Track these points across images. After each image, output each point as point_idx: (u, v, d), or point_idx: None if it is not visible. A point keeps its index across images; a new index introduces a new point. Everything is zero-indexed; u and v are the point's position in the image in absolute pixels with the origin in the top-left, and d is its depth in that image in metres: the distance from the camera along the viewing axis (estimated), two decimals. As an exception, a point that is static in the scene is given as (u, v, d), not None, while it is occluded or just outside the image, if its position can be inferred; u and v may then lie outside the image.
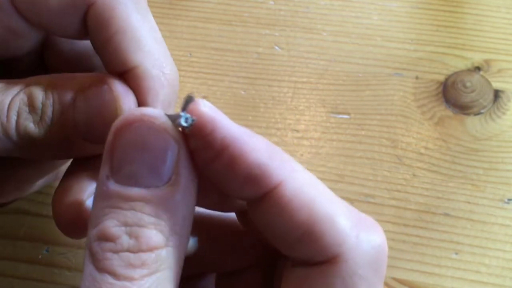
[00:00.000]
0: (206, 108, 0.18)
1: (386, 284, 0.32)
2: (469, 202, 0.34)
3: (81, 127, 0.23)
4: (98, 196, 0.19)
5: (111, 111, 0.23)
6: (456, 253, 0.33)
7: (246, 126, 0.20)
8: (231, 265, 0.25)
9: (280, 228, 0.19)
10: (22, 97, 0.23)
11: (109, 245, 0.18)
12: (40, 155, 0.24)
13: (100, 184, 0.19)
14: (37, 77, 0.24)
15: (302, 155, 0.36)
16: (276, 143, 0.21)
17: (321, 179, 0.20)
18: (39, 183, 0.30)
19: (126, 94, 0.24)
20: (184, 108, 0.18)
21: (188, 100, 0.18)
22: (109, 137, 0.19)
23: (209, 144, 0.18)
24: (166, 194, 0.18)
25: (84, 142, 0.24)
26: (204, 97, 0.38)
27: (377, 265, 0.19)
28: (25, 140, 0.23)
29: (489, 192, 0.35)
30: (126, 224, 0.18)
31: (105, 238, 0.18)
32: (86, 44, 0.26)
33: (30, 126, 0.23)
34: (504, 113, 0.37)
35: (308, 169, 0.19)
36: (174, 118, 0.18)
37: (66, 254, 0.33)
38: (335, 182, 0.35)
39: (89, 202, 0.24)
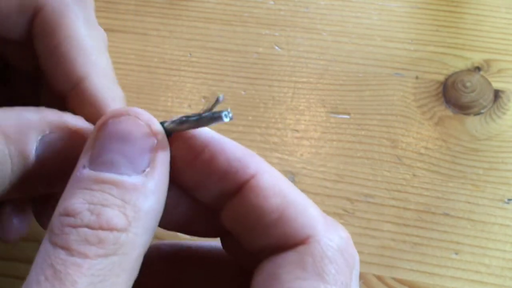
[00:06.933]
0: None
1: (386, 284, 0.32)
2: (469, 202, 0.34)
3: (44, 176, 0.21)
4: (70, 182, 0.19)
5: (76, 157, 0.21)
6: (456, 253, 0.33)
7: (246, 126, 0.20)
8: None
9: (255, 216, 0.20)
10: None
11: (68, 219, 0.18)
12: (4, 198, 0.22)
13: (74, 172, 0.19)
14: None
15: (302, 155, 0.36)
16: (276, 143, 0.21)
17: (321, 179, 0.20)
18: None
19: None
20: (213, 107, 0.20)
21: (218, 100, 0.20)
22: (93, 132, 0.20)
23: (192, 144, 0.20)
24: (137, 182, 0.18)
25: (44, 184, 0.22)
26: (204, 97, 0.38)
27: (347, 254, 0.20)
28: None
29: (489, 192, 0.35)
30: (91, 203, 0.18)
31: (67, 213, 0.18)
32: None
33: None
34: (504, 113, 0.37)
35: (308, 169, 0.19)
36: (210, 117, 0.20)
37: (66, 254, 0.33)
38: (335, 182, 0.35)
39: None
